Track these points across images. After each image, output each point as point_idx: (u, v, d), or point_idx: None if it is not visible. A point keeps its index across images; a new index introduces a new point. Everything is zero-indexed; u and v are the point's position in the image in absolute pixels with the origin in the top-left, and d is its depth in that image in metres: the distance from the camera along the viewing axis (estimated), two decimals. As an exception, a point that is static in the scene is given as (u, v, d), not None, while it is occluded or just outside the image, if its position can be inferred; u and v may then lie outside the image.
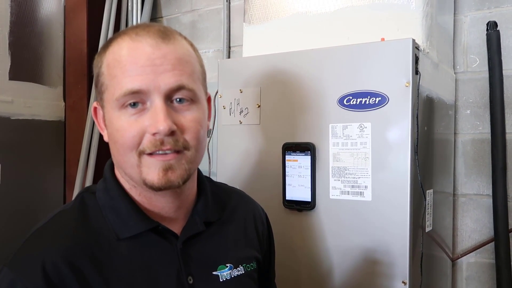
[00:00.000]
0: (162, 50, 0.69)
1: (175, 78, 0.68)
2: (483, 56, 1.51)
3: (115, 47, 0.71)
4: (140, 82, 0.67)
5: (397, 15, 1.19)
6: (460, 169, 1.56)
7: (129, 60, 0.68)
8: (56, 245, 0.67)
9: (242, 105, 1.30)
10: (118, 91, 0.67)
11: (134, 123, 0.68)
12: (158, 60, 0.68)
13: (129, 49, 0.69)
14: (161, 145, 0.67)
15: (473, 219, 1.54)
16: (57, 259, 0.65)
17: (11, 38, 2.01)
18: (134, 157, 0.68)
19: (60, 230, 0.70)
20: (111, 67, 0.70)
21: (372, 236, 1.10)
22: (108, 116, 0.71)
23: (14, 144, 2.04)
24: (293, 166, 1.20)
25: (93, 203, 0.74)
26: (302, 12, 1.33)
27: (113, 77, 0.69)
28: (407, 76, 1.06)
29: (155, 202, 0.74)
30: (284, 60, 1.24)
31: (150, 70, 0.67)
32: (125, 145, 0.68)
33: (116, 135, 0.69)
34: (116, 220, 0.72)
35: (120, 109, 0.68)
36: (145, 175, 0.69)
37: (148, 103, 0.68)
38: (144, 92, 0.67)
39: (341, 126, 1.13)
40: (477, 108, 1.54)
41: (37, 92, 2.13)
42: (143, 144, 0.68)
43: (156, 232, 0.73)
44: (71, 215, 0.73)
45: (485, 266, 1.52)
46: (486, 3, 1.52)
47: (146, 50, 0.68)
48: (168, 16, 2.24)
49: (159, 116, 0.66)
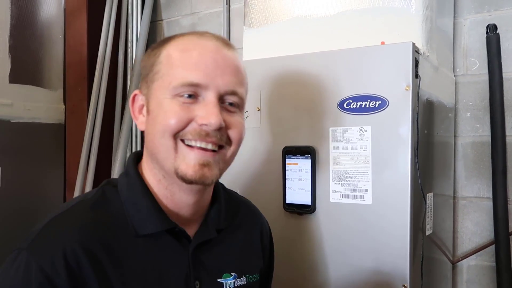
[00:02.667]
0: (224, 54, 0.73)
1: (233, 83, 0.72)
2: (483, 59, 1.51)
3: (180, 41, 0.74)
4: (201, 77, 0.70)
5: (397, 18, 1.20)
6: (460, 172, 1.56)
7: (195, 54, 0.71)
8: (76, 233, 0.67)
9: (242, 109, 1.30)
10: (177, 80, 0.70)
11: (185, 109, 0.70)
12: (222, 61, 0.72)
13: (196, 44, 0.73)
14: (206, 136, 0.69)
15: (474, 222, 1.54)
16: (76, 247, 0.66)
17: (11, 41, 2.01)
18: (172, 141, 0.70)
19: (80, 220, 0.70)
20: (173, 57, 0.72)
21: (372, 240, 1.10)
22: (156, 101, 0.72)
23: (14, 147, 2.04)
24: (293, 170, 1.20)
25: (115, 196, 0.75)
26: (302, 15, 1.33)
27: (175, 66, 0.71)
28: (407, 79, 1.06)
29: (177, 199, 0.75)
30: (284, 64, 1.25)
31: (212, 68, 0.71)
32: (168, 127, 0.69)
33: (162, 117, 0.70)
34: (137, 216, 0.73)
35: (173, 97, 0.70)
36: (179, 163, 0.70)
37: (201, 97, 0.70)
38: (202, 86, 0.70)
39: (341, 129, 1.13)
40: (477, 111, 1.54)
41: (37, 95, 2.13)
42: (185, 130, 0.69)
43: (171, 233, 0.74)
44: (92, 206, 0.73)
45: (485, 269, 1.52)
46: (485, 6, 1.52)
47: (212, 48, 0.72)
48: (168, 19, 2.24)
49: (213, 110, 0.69)
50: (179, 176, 0.70)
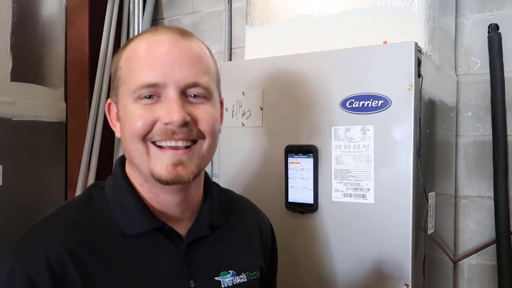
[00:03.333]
0: (180, 46, 0.71)
1: (192, 75, 0.70)
2: (484, 59, 1.51)
3: (135, 42, 0.73)
4: (157, 76, 0.68)
5: (399, 18, 1.20)
6: (462, 171, 1.56)
7: (148, 53, 0.70)
8: (60, 236, 0.67)
9: (245, 107, 1.30)
10: (135, 84, 0.69)
11: (148, 111, 0.69)
12: (177, 54, 0.70)
13: (148, 43, 0.71)
14: (173, 134, 0.68)
15: (475, 221, 1.54)
16: (60, 250, 0.65)
17: (12, 40, 2.01)
18: (142, 145, 0.69)
19: (65, 222, 0.70)
20: (130, 61, 0.71)
21: (374, 239, 1.10)
22: (122, 108, 0.72)
23: (16, 145, 2.04)
24: (295, 169, 1.20)
25: (101, 198, 0.75)
26: (305, 14, 1.33)
27: (131, 70, 0.70)
28: (409, 79, 1.06)
29: (162, 200, 0.74)
30: (286, 63, 1.25)
31: (168, 64, 0.69)
32: (135, 132, 0.69)
33: (128, 122, 0.70)
34: (123, 216, 0.72)
35: (136, 100, 0.69)
36: (153, 166, 0.69)
37: (163, 95, 0.69)
38: (160, 85, 0.68)
39: (343, 128, 1.14)
40: (478, 110, 1.54)
41: (38, 93, 2.13)
42: (152, 132, 0.69)
43: (161, 232, 0.73)
44: (77, 208, 0.73)
45: (486, 268, 1.52)
46: (487, 6, 1.53)
47: (165, 43, 0.70)
48: (170, 17, 2.24)
49: (173, 107, 0.67)
50: (156, 178, 0.69)
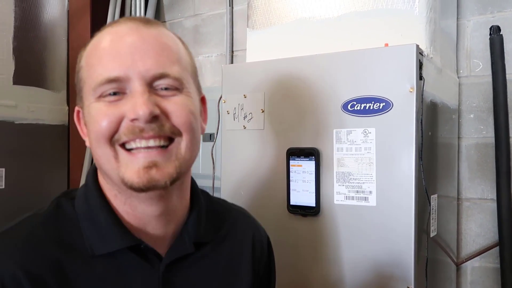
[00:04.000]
0: (142, 33, 0.62)
1: (160, 64, 0.61)
2: (486, 61, 1.51)
3: (94, 39, 0.65)
4: (118, 69, 0.60)
5: (400, 20, 1.20)
6: (464, 174, 1.56)
7: (106, 46, 0.62)
8: (18, 255, 0.58)
9: (246, 110, 1.30)
10: (95, 80, 0.60)
11: (111, 108, 0.60)
12: (140, 43, 0.61)
13: (107, 35, 0.63)
14: (141, 132, 0.59)
15: (478, 224, 1.54)
16: (17, 270, 0.57)
17: (15, 43, 2.02)
18: (109, 148, 0.60)
19: (25, 237, 0.61)
20: (89, 57, 0.63)
21: (377, 241, 1.10)
22: (87, 110, 0.63)
23: (18, 148, 2.05)
24: (297, 171, 1.20)
25: (70, 210, 0.65)
26: (306, 17, 1.33)
27: (90, 66, 0.62)
28: (411, 81, 1.06)
29: (140, 214, 0.64)
30: (288, 66, 1.25)
31: (129, 54, 0.60)
32: (100, 133, 0.60)
33: (93, 125, 0.61)
34: (93, 233, 0.63)
35: (98, 99, 0.61)
36: (123, 172, 0.60)
37: (128, 90, 0.60)
38: (123, 79, 0.60)
39: (345, 131, 1.14)
40: (480, 112, 1.54)
41: (40, 96, 2.14)
42: (119, 132, 0.60)
43: (136, 251, 0.63)
44: (42, 221, 0.64)
45: (489, 270, 1.51)
46: (489, 8, 1.52)
47: (126, 32, 0.62)
48: (171, 20, 2.25)
49: (138, 100, 0.58)
50: (127, 186, 0.60)
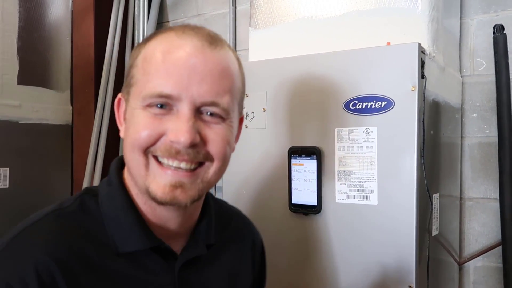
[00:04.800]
0: (206, 56, 0.62)
1: (213, 92, 0.62)
2: (489, 60, 1.50)
3: (157, 41, 0.65)
4: (172, 87, 0.60)
5: (403, 19, 1.19)
6: (467, 173, 1.55)
7: (167, 59, 0.62)
8: (49, 245, 0.60)
9: (248, 109, 1.30)
10: (147, 90, 0.62)
11: (155, 121, 0.62)
12: (201, 66, 0.61)
13: (170, 46, 0.63)
14: (176, 154, 0.61)
15: (480, 223, 1.53)
16: (50, 262, 0.59)
17: (19, 43, 2.03)
18: (142, 156, 0.62)
19: (56, 229, 0.63)
20: (147, 61, 0.64)
21: (378, 240, 1.09)
22: (130, 110, 0.65)
23: (22, 148, 2.06)
24: (299, 170, 1.20)
25: (95, 208, 0.67)
26: (308, 16, 1.33)
27: (146, 73, 0.63)
28: (413, 80, 1.06)
29: (159, 214, 0.68)
30: (290, 65, 1.25)
31: (187, 75, 0.61)
32: (138, 141, 0.62)
33: (132, 129, 0.63)
34: (118, 232, 0.65)
35: (145, 107, 0.62)
36: (150, 182, 0.62)
37: (175, 108, 0.62)
38: (174, 98, 0.61)
39: (347, 130, 1.13)
40: (484, 112, 1.53)
41: (45, 96, 2.15)
42: (155, 146, 0.62)
43: (156, 250, 0.67)
44: (68, 216, 0.65)
45: (492, 270, 1.51)
46: (492, 6, 1.52)
47: (191, 51, 0.62)
48: (174, 20, 2.26)
49: (184, 125, 0.60)
50: (151, 196, 0.63)
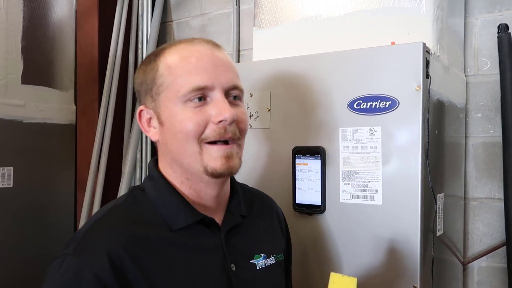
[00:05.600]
0: (219, 54, 0.80)
1: (233, 79, 0.79)
2: (494, 59, 1.50)
3: (174, 51, 0.80)
4: (206, 79, 0.76)
5: (407, 19, 1.19)
6: (471, 173, 1.55)
7: (194, 60, 0.77)
8: (117, 235, 0.72)
9: (252, 109, 1.30)
10: (185, 88, 0.75)
11: (198, 113, 0.75)
12: (218, 61, 0.78)
13: (190, 51, 0.79)
14: (224, 133, 0.76)
15: (485, 223, 1.53)
16: (119, 248, 0.70)
17: (23, 43, 2.04)
18: (196, 145, 0.75)
19: (118, 223, 0.75)
20: (173, 68, 0.77)
21: (382, 240, 1.09)
22: (167, 112, 0.77)
23: (26, 147, 2.07)
24: (303, 170, 1.20)
25: (144, 199, 0.80)
26: (312, 16, 1.33)
27: (178, 76, 0.76)
28: (417, 80, 1.06)
29: (203, 194, 0.81)
30: (294, 64, 1.25)
31: (212, 69, 0.77)
32: (189, 133, 0.75)
33: (179, 126, 0.76)
34: (168, 213, 0.78)
35: (184, 103, 0.75)
36: (207, 161, 0.76)
37: (209, 98, 0.76)
38: (209, 87, 0.76)
39: (351, 130, 1.13)
40: (488, 111, 1.53)
41: (48, 96, 2.16)
42: (206, 133, 0.75)
43: (202, 223, 0.80)
44: (126, 209, 0.78)
45: (496, 270, 1.50)
46: (497, 6, 1.51)
47: (207, 52, 0.79)
48: (178, 20, 2.26)
49: (224, 105, 0.75)
50: (209, 173, 0.76)
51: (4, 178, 1.97)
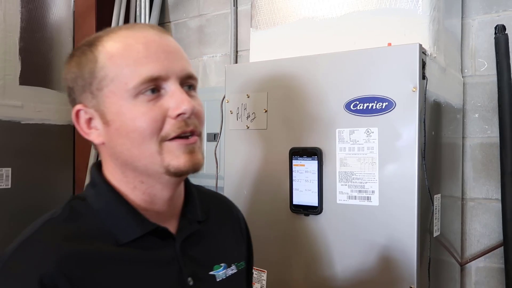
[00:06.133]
0: (168, 39, 0.70)
1: (186, 66, 0.70)
2: (491, 60, 1.50)
3: (113, 39, 0.68)
4: (158, 68, 0.66)
5: (404, 20, 1.19)
6: (469, 173, 1.55)
7: (141, 47, 0.66)
8: (49, 256, 0.62)
9: (249, 110, 1.30)
10: (135, 79, 0.65)
11: (153, 108, 0.65)
12: (168, 48, 0.68)
13: (134, 38, 0.68)
14: (186, 126, 0.67)
15: (482, 224, 1.53)
16: (53, 270, 0.60)
17: (21, 44, 2.03)
18: (154, 144, 0.66)
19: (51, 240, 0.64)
20: (117, 58, 0.66)
21: (379, 241, 1.09)
22: (114, 109, 0.66)
23: (25, 148, 2.06)
24: (300, 171, 1.20)
25: (86, 209, 0.70)
26: (309, 17, 1.33)
27: (124, 66, 0.66)
28: (414, 81, 1.06)
29: (157, 198, 0.72)
30: (291, 65, 1.25)
31: (164, 57, 0.67)
32: (145, 131, 0.65)
33: (132, 124, 0.65)
34: (115, 225, 0.69)
35: (135, 97, 0.65)
36: (169, 161, 0.66)
37: (163, 89, 0.67)
38: (162, 78, 0.66)
39: (348, 131, 1.13)
40: (485, 112, 1.53)
41: (46, 96, 2.16)
42: (165, 129, 0.66)
43: (154, 234, 0.71)
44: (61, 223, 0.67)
45: (494, 271, 1.51)
46: (494, 7, 1.52)
47: (155, 38, 0.68)
48: (176, 21, 2.26)
49: (182, 97, 0.66)
50: (172, 172, 0.67)
51: (2, 179, 1.97)
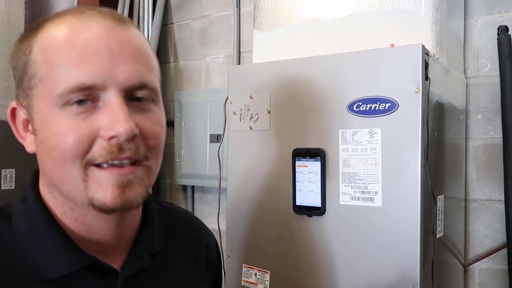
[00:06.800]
0: (119, 35, 0.54)
1: (139, 72, 0.54)
2: (494, 61, 1.50)
3: (53, 28, 0.54)
4: (94, 75, 0.51)
5: (406, 21, 1.19)
6: (472, 174, 1.55)
7: (78, 44, 0.52)
8: None
9: (252, 111, 1.31)
10: (63, 85, 0.51)
11: (81, 124, 0.52)
12: (116, 46, 0.53)
13: (75, 30, 0.53)
14: (119, 152, 0.52)
15: (485, 225, 1.53)
16: None
17: (25, 45, 2.05)
18: (78, 169, 0.52)
19: None
20: (50, 53, 0.53)
21: (382, 242, 1.09)
22: (40, 116, 0.54)
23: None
24: (303, 172, 1.20)
25: (7, 231, 0.57)
26: (312, 18, 1.34)
27: (54, 66, 0.52)
28: (416, 82, 1.06)
29: (95, 230, 0.58)
30: (294, 66, 1.25)
31: (106, 59, 0.52)
32: (67, 153, 0.52)
33: (53, 140, 0.52)
34: (39, 255, 0.55)
35: (62, 107, 0.52)
36: (93, 192, 0.53)
37: (101, 101, 0.52)
38: (98, 87, 0.52)
39: (351, 131, 1.14)
40: (488, 113, 1.53)
41: (50, 98, 2.17)
42: (93, 151, 0.52)
43: (91, 269, 0.57)
44: None
45: (497, 272, 1.50)
46: (496, 8, 1.51)
47: (102, 31, 0.53)
48: (179, 22, 2.26)
49: (119, 115, 0.51)
50: (97, 207, 0.53)
51: (6, 180, 1.98)
